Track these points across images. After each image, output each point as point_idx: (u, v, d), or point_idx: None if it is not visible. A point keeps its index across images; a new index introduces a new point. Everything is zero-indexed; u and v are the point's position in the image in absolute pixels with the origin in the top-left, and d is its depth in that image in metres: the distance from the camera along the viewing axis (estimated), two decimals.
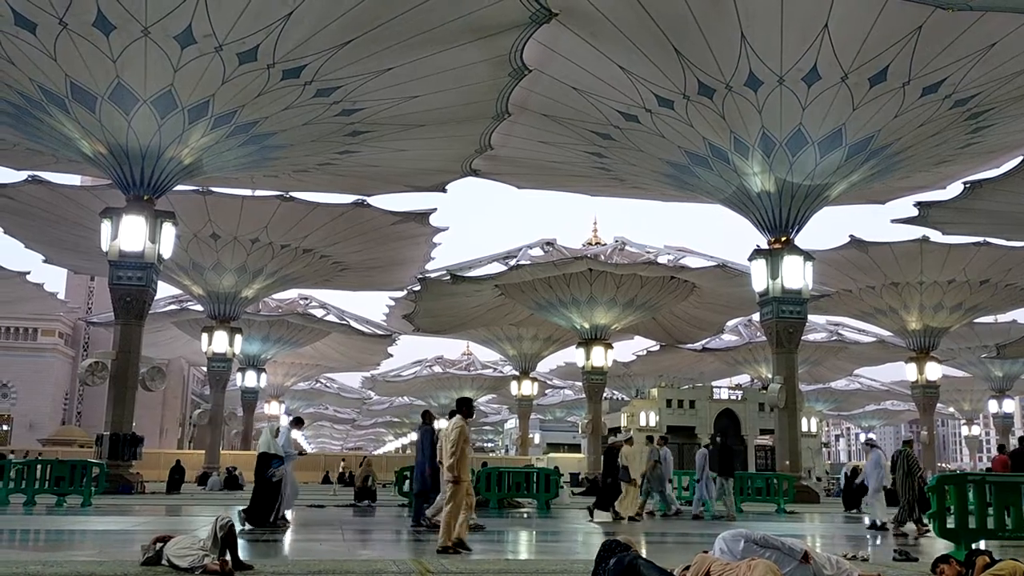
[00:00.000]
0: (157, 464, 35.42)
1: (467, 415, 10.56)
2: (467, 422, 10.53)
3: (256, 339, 47.07)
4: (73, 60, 18.84)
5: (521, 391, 54.16)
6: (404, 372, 74.14)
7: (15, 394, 64.17)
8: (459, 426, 10.27)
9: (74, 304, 65.77)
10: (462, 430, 10.27)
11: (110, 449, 23.01)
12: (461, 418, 10.43)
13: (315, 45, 18.60)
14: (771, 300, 25.33)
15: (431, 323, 45.25)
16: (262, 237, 33.04)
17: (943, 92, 20.14)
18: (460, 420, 10.38)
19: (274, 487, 13.28)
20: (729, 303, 40.26)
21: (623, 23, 18.45)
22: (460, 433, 10.21)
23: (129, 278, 23.06)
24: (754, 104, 21.00)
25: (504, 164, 26.75)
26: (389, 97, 21.08)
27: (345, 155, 25.14)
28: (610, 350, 41.92)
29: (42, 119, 21.32)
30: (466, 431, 10.36)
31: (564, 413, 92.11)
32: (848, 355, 57.23)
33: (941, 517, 11.34)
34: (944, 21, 17.45)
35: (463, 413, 10.54)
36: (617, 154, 24.69)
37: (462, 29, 18.20)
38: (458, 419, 10.41)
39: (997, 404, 56.72)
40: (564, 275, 37.06)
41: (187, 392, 78.43)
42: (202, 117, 21.00)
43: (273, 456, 13.47)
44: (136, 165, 22.41)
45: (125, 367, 23.60)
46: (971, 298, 37.40)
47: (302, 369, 63.56)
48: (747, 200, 24.84)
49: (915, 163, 24.45)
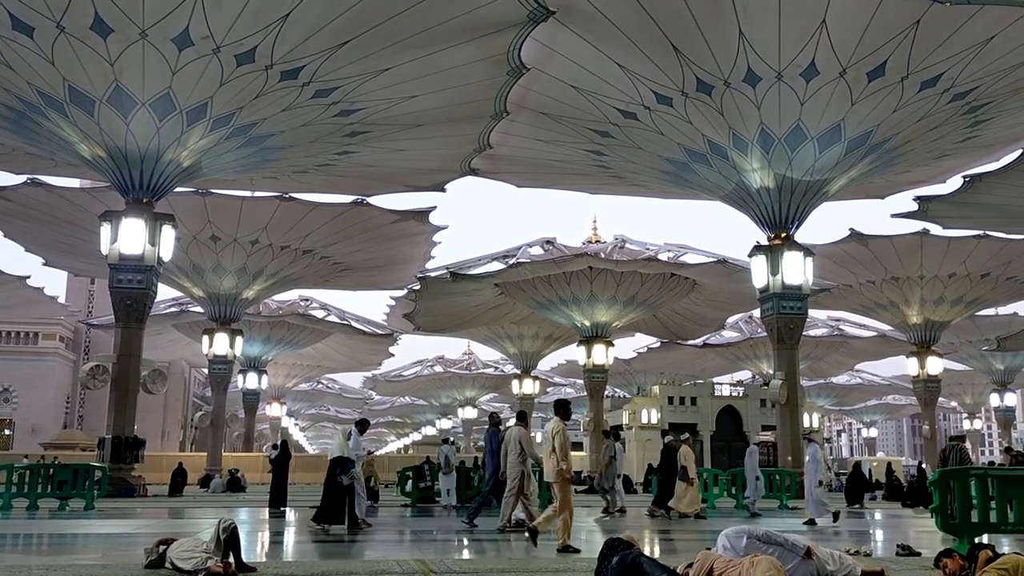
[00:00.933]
0: (159, 467, 35.43)
1: (565, 417, 10.71)
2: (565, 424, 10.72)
3: (257, 341, 47.07)
4: (71, 64, 18.84)
5: (522, 390, 54.16)
6: (405, 372, 74.15)
7: (16, 398, 64.19)
8: (561, 428, 10.43)
9: (75, 307, 65.78)
10: (564, 431, 10.43)
11: (112, 452, 23.04)
12: (560, 420, 10.59)
13: (313, 46, 18.60)
14: (772, 296, 25.33)
15: (431, 322, 45.24)
16: (262, 238, 33.04)
17: (942, 86, 20.13)
18: (560, 422, 10.55)
19: (345, 489, 13.56)
20: (730, 299, 40.24)
21: (621, 21, 18.44)
22: (564, 435, 10.38)
23: (129, 281, 23.06)
24: (753, 100, 20.99)
25: (503, 163, 26.73)
26: (387, 97, 21.08)
27: (344, 156, 25.13)
28: (611, 348, 41.92)
29: (40, 123, 21.31)
30: (566, 432, 10.54)
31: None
32: (849, 350, 57.22)
33: (943, 511, 11.33)
34: (942, 15, 17.45)
35: (561, 415, 10.69)
36: (616, 152, 24.68)
37: (460, 28, 18.19)
38: (557, 421, 10.58)
39: (999, 397, 56.72)
40: (564, 273, 37.05)
41: (188, 394, 78.45)
42: (201, 119, 20.99)
43: (346, 460, 13.74)
44: (135, 168, 22.40)
45: (126, 370, 23.61)
46: (972, 291, 37.37)
47: (303, 370, 63.57)
48: (747, 196, 24.84)
49: (914, 157, 24.44)
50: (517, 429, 13.27)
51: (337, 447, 14.10)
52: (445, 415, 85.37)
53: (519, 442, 12.91)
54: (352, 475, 13.70)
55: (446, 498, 21.58)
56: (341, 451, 13.90)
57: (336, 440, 14.36)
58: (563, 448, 10.22)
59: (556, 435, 10.30)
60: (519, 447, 12.87)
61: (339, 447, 14.02)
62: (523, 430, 13.22)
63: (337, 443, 14.20)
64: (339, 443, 14.12)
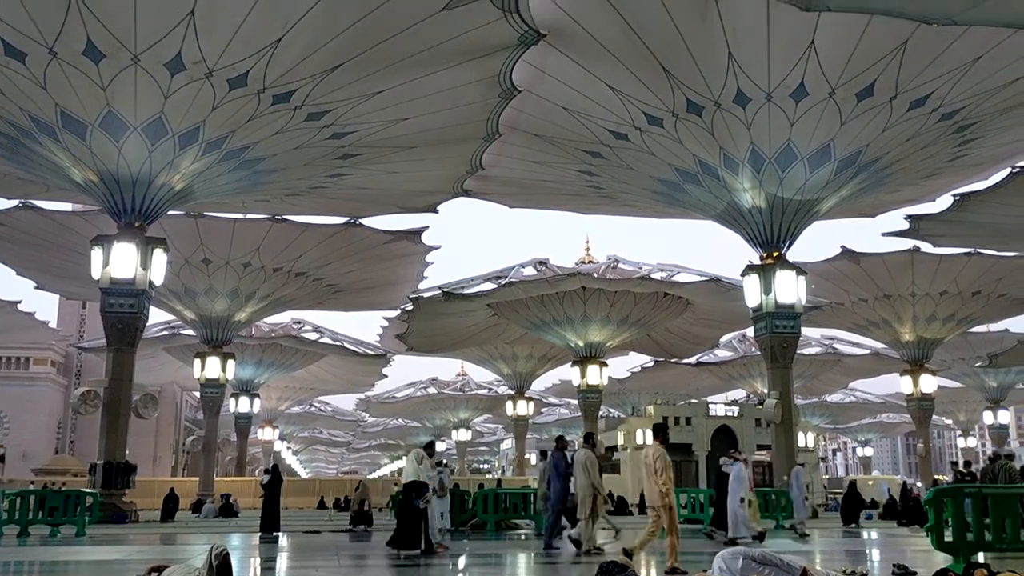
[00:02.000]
0: (151, 492, 35.19)
1: (664, 440, 10.85)
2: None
3: (249, 364, 46.90)
4: (63, 89, 18.86)
5: (516, 411, 53.99)
6: (398, 393, 73.92)
7: (7, 424, 63.79)
8: (661, 452, 10.56)
9: (66, 332, 65.56)
10: (664, 455, 10.57)
11: (103, 478, 22.86)
12: (659, 444, 10.72)
13: (305, 70, 18.66)
14: (765, 315, 25.36)
15: (424, 343, 45.19)
16: (254, 260, 33.01)
17: (930, 106, 20.28)
18: (660, 446, 10.68)
19: (421, 513, 13.52)
20: (723, 318, 40.30)
21: (611, 43, 18.57)
22: (664, 458, 10.51)
23: (121, 305, 22.98)
24: (743, 121, 21.10)
25: (495, 184, 26.81)
26: (380, 120, 21.15)
27: (337, 178, 25.16)
28: (605, 368, 41.87)
29: (33, 148, 21.31)
30: (667, 455, 10.64)
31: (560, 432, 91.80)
32: (843, 368, 57.29)
33: (939, 530, 11.30)
34: (929, 36, 17.60)
35: (660, 439, 10.83)
36: (608, 172, 24.77)
37: (452, 51, 18.29)
38: (657, 445, 10.71)
39: (992, 415, 56.77)
40: (558, 294, 37.06)
41: (180, 418, 78.02)
42: (193, 143, 21.02)
43: (421, 484, 13.70)
44: (127, 192, 22.39)
45: (118, 395, 23.48)
46: (963, 309, 37.53)
47: (296, 393, 63.29)
48: (738, 216, 24.92)
49: (904, 176, 24.58)
50: (584, 452, 13.57)
51: (411, 471, 13.97)
52: (439, 437, 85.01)
53: (585, 465, 13.22)
54: (427, 499, 13.72)
55: (440, 521, 21.41)
56: (416, 475, 13.81)
57: (409, 464, 14.19)
58: (665, 471, 10.41)
59: (657, 459, 10.46)
60: (587, 470, 13.18)
61: (413, 471, 13.90)
62: (590, 453, 13.55)
63: (411, 467, 14.05)
64: (413, 467, 13.97)
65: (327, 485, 52.63)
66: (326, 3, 16.61)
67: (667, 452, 10.63)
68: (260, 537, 18.38)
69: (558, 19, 17.83)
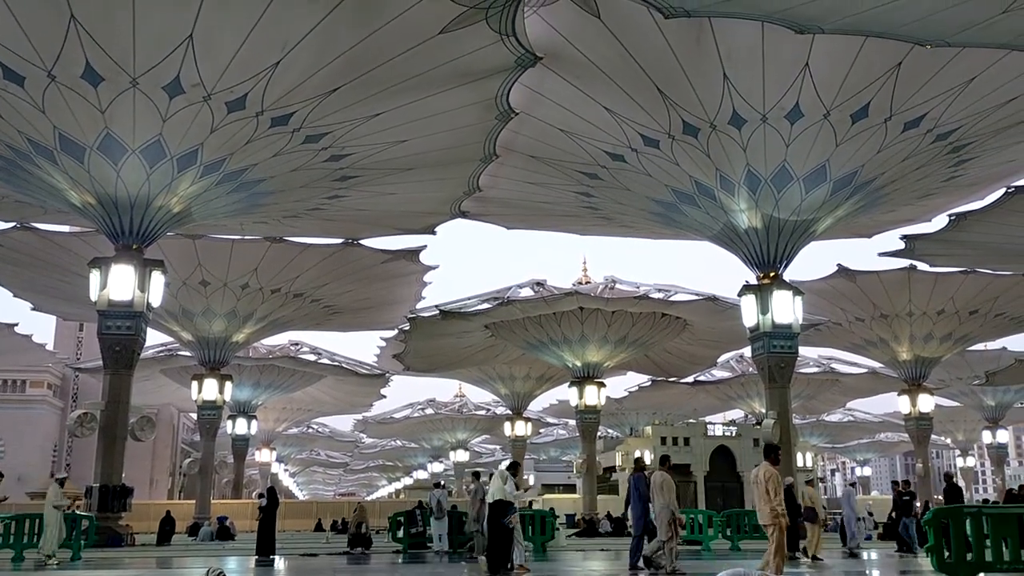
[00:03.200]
0: (147, 516, 35.02)
1: (776, 461, 11.21)
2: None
3: (246, 385, 46.79)
4: (62, 112, 18.93)
5: (514, 432, 53.82)
6: (396, 414, 73.69)
7: (3, 447, 63.46)
8: (774, 473, 10.93)
9: (63, 354, 65.38)
10: (777, 475, 10.93)
11: (99, 501, 22.74)
12: (771, 465, 11.06)
13: (303, 92, 18.75)
14: (762, 335, 25.35)
15: (421, 362, 45.12)
16: (252, 282, 33.01)
17: (925, 126, 20.38)
18: (772, 467, 11.02)
19: (509, 533, 13.59)
20: (721, 338, 40.29)
21: (607, 65, 18.69)
22: (777, 479, 10.89)
23: (118, 327, 22.94)
24: (738, 142, 21.20)
25: (493, 205, 26.89)
26: (377, 142, 21.23)
27: (334, 200, 25.23)
28: (603, 389, 41.79)
29: (31, 171, 21.35)
30: (779, 476, 11.02)
31: (558, 452, 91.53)
32: (841, 387, 57.25)
33: (939, 551, 11.27)
34: (923, 57, 17.72)
35: (772, 459, 11.18)
36: (605, 193, 24.86)
37: (449, 74, 18.39)
38: (768, 466, 11.04)
39: (991, 435, 56.66)
40: (555, 314, 37.05)
41: (177, 441, 77.68)
42: (191, 165, 21.07)
43: (508, 503, 13.76)
44: (125, 215, 22.42)
45: (114, 418, 23.38)
46: (960, 328, 37.56)
47: (293, 414, 63.12)
48: (735, 236, 24.98)
49: (900, 197, 24.67)
50: (660, 474, 13.88)
51: (498, 491, 13.99)
52: (437, 458, 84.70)
53: (663, 487, 13.57)
54: (514, 519, 13.78)
55: (438, 543, 21.33)
56: (502, 495, 13.86)
57: (495, 484, 14.21)
58: (777, 492, 10.75)
59: (770, 480, 10.80)
60: (662, 492, 13.55)
61: (499, 491, 13.92)
62: (667, 475, 13.87)
63: (497, 487, 14.05)
64: (499, 487, 13.97)
65: (324, 507, 52.40)
66: (324, 27, 16.71)
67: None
68: (256, 560, 18.28)
69: (554, 42, 17.96)
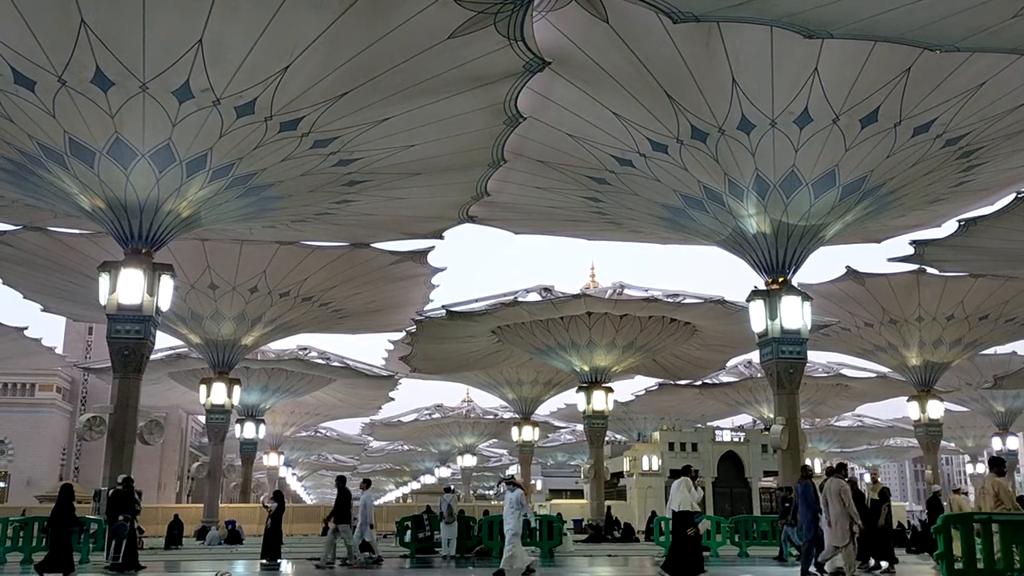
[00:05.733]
0: (155, 519, 35.05)
1: (1000, 473, 12.03)
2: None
3: (255, 389, 46.88)
4: (72, 116, 19.01)
5: (522, 436, 53.81)
6: (404, 418, 73.79)
7: (12, 450, 63.60)
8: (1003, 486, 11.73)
9: (72, 357, 65.58)
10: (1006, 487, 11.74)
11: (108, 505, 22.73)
12: (995, 475, 11.92)
13: (312, 97, 18.80)
14: (770, 341, 25.28)
15: (428, 365, 45.20)
16: (260, 285, 33.10)
17: (934, 131, 20.33)
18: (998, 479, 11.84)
19: (693, 542, 13.65)
20: (730, 342, 40.23)
21: (615, 70, 18.70)
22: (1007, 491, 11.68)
23: (127, 332, 22.98)
24: (747, 147, 21.18)
25: (501, 210, 26.90)
26: (386, 147, 21.27)
27: (343, 204, 25.29)
28: (611, 394, 41.75)
29: (41, 175, 21.45)
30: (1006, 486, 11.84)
31: (566, 457, 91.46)
32: (850, 393, 57.06)
33: (948, 558, 11.21)
34: (932, 62, 17.69)
35: (996, 471, 12.06)
36: (613, 198, 24.85)
37: (457, 79, 18.42)
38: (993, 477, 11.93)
39: (1001, 441, 56.39)
40: (563, 319, 37.02)
41: (185, 444, 77.82)
42: (200, 170, 21.14)
43: (693, 513, 13.82)
44: (134, 219, 22.49)
45: (123, 421, 23.40)
46: (970, 333, 37.39)
47: (302, 418, 63.23)
48: (743, 242, 24.94)
49: (909, 202, 24.60)
50: (836, 481, 13.87)
51: (681, 501, 13.99)
52: (444, 463, 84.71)
53: (839, 494, 13.62)
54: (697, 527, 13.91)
55: (446, 548, 21.32)
56: (687, 505, 13.89)
57: (679, 493, 14.14)
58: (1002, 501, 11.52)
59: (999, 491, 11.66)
60: (840, 499, 13.58)
61: (684, 500, 13.91)
62: (842, 482, 13.87)
63: (681, 496, 14.00)
64: (683, 496, 13.94)
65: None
66: (332, 32, 16.76)
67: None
68: (262, 565, 18.29)
69: (563, 47, 17.98)
